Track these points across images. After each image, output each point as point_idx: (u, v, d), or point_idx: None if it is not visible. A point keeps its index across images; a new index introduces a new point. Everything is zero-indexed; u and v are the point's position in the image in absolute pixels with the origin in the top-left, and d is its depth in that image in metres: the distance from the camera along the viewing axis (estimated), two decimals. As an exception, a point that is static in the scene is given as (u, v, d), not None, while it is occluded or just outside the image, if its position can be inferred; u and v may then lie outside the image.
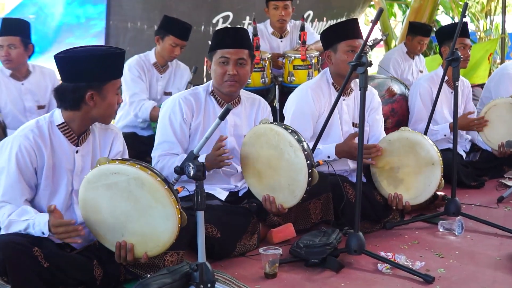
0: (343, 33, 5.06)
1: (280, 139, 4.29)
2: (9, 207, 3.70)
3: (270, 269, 4.13)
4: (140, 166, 3.52)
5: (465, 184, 6.28)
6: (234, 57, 4.60)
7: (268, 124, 4.41)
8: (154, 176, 3.49)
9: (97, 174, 3.58)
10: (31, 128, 3.78)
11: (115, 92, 3.81)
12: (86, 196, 3.63)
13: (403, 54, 8.87)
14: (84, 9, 10.60)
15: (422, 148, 4.82)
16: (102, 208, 3.61)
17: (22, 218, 3.65)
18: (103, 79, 3.72)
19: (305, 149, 4.21)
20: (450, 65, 5.27)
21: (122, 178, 3.51)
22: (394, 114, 6.93)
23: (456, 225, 4.97)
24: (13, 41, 6.18)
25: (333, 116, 4.97)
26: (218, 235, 4.35)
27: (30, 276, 3.53)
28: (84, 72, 3.67)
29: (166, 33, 6.57)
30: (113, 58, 3.78)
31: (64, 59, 3.72)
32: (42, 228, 3.58)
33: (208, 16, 9.01)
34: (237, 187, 4.93)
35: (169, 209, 3.49)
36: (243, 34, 4.74)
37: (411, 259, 4.37)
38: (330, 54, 5.12)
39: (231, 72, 4.59)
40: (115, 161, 3.59)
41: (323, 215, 4.89)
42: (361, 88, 4.17)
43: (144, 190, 3.49)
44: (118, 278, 3.92)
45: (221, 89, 4.71)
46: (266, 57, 6.82)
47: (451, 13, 14.73)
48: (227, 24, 9.13)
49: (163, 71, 6.77)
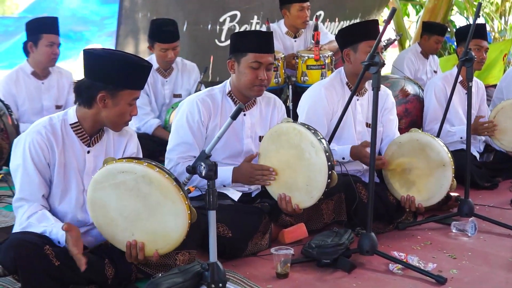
0: (365, 33, 5.02)
1: (302, 139, 4.28)
2: (28, 207, 3.71)
3: (281, 269, 4.12)
4: (147, 164, 3.51)
5: (478, 185, 6.24)
6: (266, 62, 4.56)
7: (290, 123, 4.40)
8: (162, 173, 3.49)
9: (105, 173, 3.57)
10: (43, 124, 3.79)
11: (129, 102, 3.76)
12: (94, 197, 3.62)
13: (417, 53, 8.84)
14: (100, 7, 10.66)
15: (432, 149, 4.80)
16: (110, 207, 3.60)
17: (41, 224, 3.67)
18: (119, 85, 3.70)
19: (326, 150, 4.20)
20: (463, 65, 5.24)
21: (130, 177, 3.51)
22: (407, 115, 6.90)
23: (469, 226, 4.94)
24: (59, 40, 6.44)
25: (347, 116, 4.96)
26: (230, 235, 4.34)
27: (41, 274, 3.55)
28: (103, 73, 3.67)
29: (153, 41, 6.65)
30: (136, 68, 3.74)
31: (90, 54, 3.72)
32: (59, 238, 3.60)
33: (215, 15, 9.01)
34: (250, 189, 4.91)
35: (178, 205, 3.48)
36: (272, 38, 4.70)
37: (424, 260, 4.34)
38: (349, 53, 5.09)
39: (262, 77, 4.54)
40: (122, 160, 3.59)
41: (336, 216, 4.88)
42: (373, 88, 4.16)
43: (152, 187, 3.49)
44: (130, 277, 3.91)
45: (249, 93, 4.65)
46: (280, 57, 6.81)
47: (465, 13, 14.68)
48: (235, 23, 9.12)
49: (167, 74, 6.80)
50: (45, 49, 6.37)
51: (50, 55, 6.40)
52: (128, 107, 3.78)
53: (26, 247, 3.53)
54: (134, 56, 3.82)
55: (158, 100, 6.81)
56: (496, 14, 14.98)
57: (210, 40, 8.98)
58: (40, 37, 6.34)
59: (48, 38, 6.35)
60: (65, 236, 3.56)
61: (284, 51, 7.16)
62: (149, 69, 3.86)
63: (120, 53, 3.80)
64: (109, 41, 9.08)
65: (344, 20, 10.54)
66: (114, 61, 3.68)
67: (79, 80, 3.79)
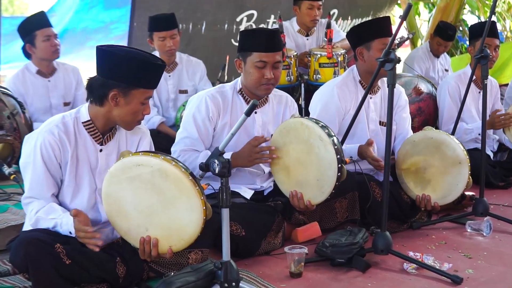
0: (378, 31, 4.99)
1: (310, 133, 4.23)
2: (36, 203, 3.69)
3: (295, 268, 4.08)
4: (163, 157, 3.47)
5: (492, 184, 6.21)
6: (272, 61, 4.53)
7: (298, 118, 4.36)
8: (178, 167, 3.44)
9: (120, 167, 3.52)
10: (56, 123, 3.74)
11: (141, 101, 3.71)
12: (110, 190, 3.57)
13: (428, 52, 8.85)
14: (106, 13, 10.69)
15: (448, 147, 4.76)
16: (125, 201, 3.55)
17: (50, 217, 3.64)
18: (132, 84, 3.64)
19: (335, 144, 4.15)
20: (478, 63, 5.20)
21: (145, 170, 3.46)
22: (421, 113, 6.87)
23: (484, 226, 4.91)
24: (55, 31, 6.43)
25: (360, 115, 4.93)
26: (243, 233, 4.31)
27: (52, 273, 3.53)
28: (116, 71, 3.61)
29: (151, 33, 6.68)
30: (150, 67, 3.68)
31: (103, 51, 3.66)
32: (69, 228, 3.57)
33: (232, 15, 9.03)
34: (262, 187, 4.89)
35: (194, 200, 3.43)
36: (278, 36, 4.66)
37: (439, 260, 4.30)
38: (363, 51, 5.05)
39: (268, 76, 4.51)
40: (139, 153, 3.54)
41: (349, 214, 4.85)
42: (389, 85, 4.11)
43: (168, 181, 3.44)
44: (141, 275, 3.90)
45: (256, 92, 4.63)
46: (292, 54, 6.77)
47: (477, 12, 14.62)
48: (251, 22, 9.11)
49: (170, 69, 6.79)
50: (43, 45, 6.31)
51: (50, 48, 6.34)
52: (140, 106, 3.73)
53: (36, 245, 3.51)
54: (148, 54, 3.75)
55: (161, 95, 6.80)
56: (508, 13, 14.91)
57: (227, 40, 8.98)
58: (34, 35, 6.29)
59: (42, 33, 6.29)
60: (73, 222, 3.53)
61: (296, 49, 7.12)
62: (163, 68, 3.81)
63: (134, 51, 3.73)
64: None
65: (356, 18, 10.56)
66: (127, 59, 3.62)
67: (92, 77, 3.74)
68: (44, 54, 6.37)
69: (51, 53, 6.37)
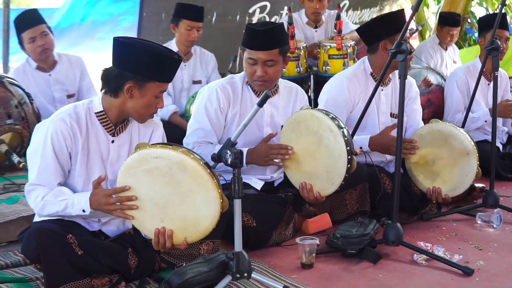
0: (402, 23, 4.89)
1: (320, 125, 4.21)
2: (42, 190, 3.66)
3: (307, 259, 4.09)
4: (182, 150, 3.45)
5: (502, 176, 6.21)
6: (262, 59, 4.50)
7: (308, 109, 4.35)
8: (196, 160, 3.43)
9: (137, 159, 3.50)
10: (68, 112, 3.73)
11: (156, 95, 3.70)
12: (125, 182, 3.55)
13: (436, 45, 8.79)
14: (114, 6, 10.72)
15: (455, 139, 4.75)
16: (141, 193, 3.53)
17: (59, 198, 3.63)
18: (148, 77, 3.63)
19: (345, 135, 4.12)
20: (489, 54, 5.19)
21: (163, 163, 3.44)
22: (430, 105, 6.85)
23: (495, 217, 4.91)
24: (44, 28, 6.21)
25: (370, 107, 4.88)
26: (254, 224, 4.33)
27: (63, 263, 3.54)
28: (132, 63, 3.60)
29: (179, 19, 6.64)
30: (167, 61, 3.67)
31: (120, 43, 3.65)
32: (82, 206, 3.57)
33: (244, 6, 9.00)
34: (272, 177, 4.88)
35: (211, 193, 3.42)
36: (272, 34, 4.54)
37: (450, 251, 4.31)
38: (387, 44, 4.92)
39: (259, 73, 4.51)
40: (156, 145, 3.52)
41: (359, 206, 4.86)
42: (400, 76, 4.10)
43: (186, 174, 3.43)
44: (153, 266, 3.91)
45: (252, 86, 4.67)
46: (301, 46, 6.76)
47: (484, 4, 14.57)
48: (265, 14, 9.08)
49: (186, 59, 6.81)
50: (29, 46, 6.18)
51: (36, 49, 6.18)
52: (154, 99, 3.72)
53: (48, 236, 3.53)
54: (164, 48, 3.74)
55: (176, 84, 6.82)
56: (517, 5, 14.86)
57: (239, 32, 8.93)
58: (21, 38, 6.19)
59: (27, 35, 6.14)
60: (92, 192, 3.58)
61: (305, 41, 7.11)
62: (179, 63, 3.79)
63: (151, 44, 3.71)
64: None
65: (366, 8, 10.55)
66: (144, 52, 3.61)
67: (107, 68, 3.71)
68: (32, 55, 6.28)
69: (38, 54, 6.22)
